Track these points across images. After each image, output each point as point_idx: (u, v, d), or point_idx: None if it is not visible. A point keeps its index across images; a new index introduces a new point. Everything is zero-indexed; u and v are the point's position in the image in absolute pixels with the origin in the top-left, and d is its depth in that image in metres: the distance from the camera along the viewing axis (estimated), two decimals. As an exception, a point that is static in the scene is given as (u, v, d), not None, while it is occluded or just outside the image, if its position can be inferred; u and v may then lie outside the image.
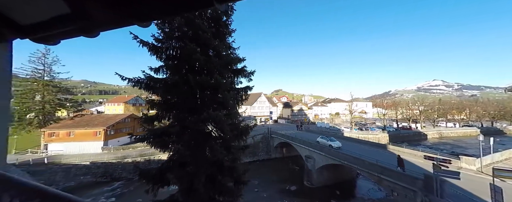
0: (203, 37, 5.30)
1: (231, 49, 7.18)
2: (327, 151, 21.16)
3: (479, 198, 10.04)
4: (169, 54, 5.70)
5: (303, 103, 78.35)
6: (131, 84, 5.01)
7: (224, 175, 5.27)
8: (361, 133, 39.35)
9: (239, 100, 6.98)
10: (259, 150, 31.95)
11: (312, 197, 19.66)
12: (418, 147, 33.64)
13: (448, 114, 56.13)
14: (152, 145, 4.89)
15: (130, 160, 21.61)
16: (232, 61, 6.16)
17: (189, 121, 4.83)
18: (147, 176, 4.78)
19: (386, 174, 14.60)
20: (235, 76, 7.01)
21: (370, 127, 46.24)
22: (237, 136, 6.09)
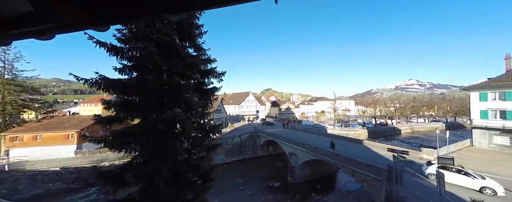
0: (163, 40, 5.44)
1: (201, 50, 7.37)
2: (308, 148, 22.23)
3: (429, 183, 11.48)
4: (131, 55, 5.73)
5: (291, 102, 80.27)
6: (88, 84, 4.97)
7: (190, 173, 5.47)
8: (343, 129, 41.57)
9: (207, 101, 7.21)
10: (246, 149, 32.33)
11: (294, 192, 20.55)
12: (393, 141, 36.60)
13: (420, 111, 61.68)
14: (111, 147, 4.91)
15: (107, 164, 20.62)
16: (197, 63, 6.34)
17: (148, 122, 4.97)
18: (106, 177, 4.81)
19: (358, 167, 15.85)
20: (204, 77, 7.23)
21: (351, 124, 49.05)
22: (205, 135, 6.32)
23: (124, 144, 4.87)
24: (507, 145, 19.65)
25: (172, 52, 5.74)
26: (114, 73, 5.95)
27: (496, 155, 18.41)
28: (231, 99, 69.70)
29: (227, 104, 66.02)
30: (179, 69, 5.90)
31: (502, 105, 19.91)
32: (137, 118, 5.61)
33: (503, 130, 19.52)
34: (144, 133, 5.01)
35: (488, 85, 21.01)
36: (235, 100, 66.31)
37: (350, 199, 18.91)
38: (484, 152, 19.48)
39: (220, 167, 27.98)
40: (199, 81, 7.24)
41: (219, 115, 41.10)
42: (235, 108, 62.96)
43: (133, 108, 5.49)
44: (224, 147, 29.57)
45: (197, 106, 6.08)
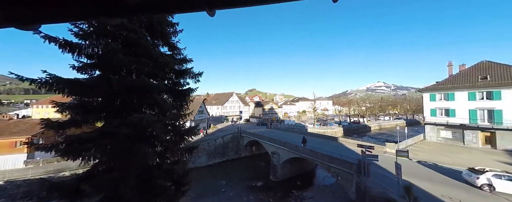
0: (130, 37, 5.07)
1: (176, 50, 7.05)
2: (289, 146, 23.07)
3: (391, 173, 13.05)
4: (92, 52, 5.15)
5: (274, 103, 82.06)
6: (35, 86, 4.26)
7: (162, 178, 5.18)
8: (322, 128, 44.22)
9: (183, 102, 6.94)
10: (229, 150, 31.92)
11: (276, 190, 21.08)
12: (364, 137, 40.33)
13: (386, 110, 69.42)
14: (63, 155, 4.28)
15: (68, 174, 18.11)
16: (170, 62, 6.05)
17: (111, 126, 4.54)
18: (60, 189, 4.18)
19: (333, 163, 17.07)
20: (179, 78, 6.94)
21: (329, 122, 52.47)
22: (179, 138, 6.04)
23: (81, 151, 4.30)
24: (450, 138, 23.50)
25: (141, 50, 5.34)
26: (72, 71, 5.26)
27: (442, 146, 21.89)
28: (214, 99, 68.01)
29: (209, 105, 64.18)
30: (149, 69, 5.53)
31: (446, 104, 23.74)
32: (100, 122, 5.06)
33: (447, 126, 23.30)
34: (106, 137, 4.54)
35: (435, 88, 24.84)
36: (218, 100, 64.91)
37: (326, 192, 20.22)
38: (433, 144, 22.96)
39: (201, 170, 27.13)
40: (174, 82, 6.92)
41: (201, 116, 39.72)
42: (218, 109, 61.64)
43: (94, 110, 4.93)
44: (206, 149, 28.71)
45: (169, 107, 5.78)
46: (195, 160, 27.07)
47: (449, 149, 20.57)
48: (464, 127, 21.81)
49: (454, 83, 23.54)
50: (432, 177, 12.88)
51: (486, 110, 20.74)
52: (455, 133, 23.00)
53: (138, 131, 4.57)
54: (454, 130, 22.97)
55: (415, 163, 16.12)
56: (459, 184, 11.66)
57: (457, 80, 23.75)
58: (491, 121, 20.21)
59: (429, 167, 14.93)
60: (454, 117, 22.67)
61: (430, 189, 10.93)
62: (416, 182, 11.85)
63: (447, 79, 25.20)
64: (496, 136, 19.92)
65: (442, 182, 11.91)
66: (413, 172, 13.40)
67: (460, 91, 22.48)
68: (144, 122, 4.49)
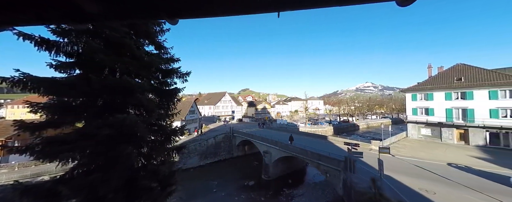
0: (112, 36, 4.97)
1: (162, 49, 6.98)
2: (281, 145, 23.47)
3: (374, 169, 13.79)
4: (71, 50, 4.96)
5: (267, 102, 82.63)
6: (7, 84, 4.03)
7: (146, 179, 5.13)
8: (313, 127, 45.28)
9: (169, 102, 6.88)
10: (221, 150, 31.77)
11: (268, 189, 21.38)
12: (352, 136, 41.88)
13: (373, 109, 72.55)
14: (39, 157, 4.08)
15: (47, 177, 17.09)
16: (155, 62, 5.97)
17: (91, 126, 4.43)
18: (34, 193, 3.96)
19: (322, 160, 17.64)
20: (166, 77, 6.88)
21: (320, 122, 53.85)
22: (165, 138, 6.00)
23: (58, 153, 4.12)
24: (429, 135, 25.15)
25: (124, 49, 5.24)
26: (50, 70, 4.99)
27: (422, 143, 23.40)
28: (206, 99, 67.17)
29: (201, 105, 63.32)
30: (133, 68, 5.43)
31: (426, 104, 25.37)
32: (80, 123, 4.89)
33: (427, 124, 24.92)
34: (87, 139, 4.41)
35: (416, 88, 26.45)
36: (211, 100, 64.21)
37: (316, 190, 20.84)
38: (414, 141, 24.46)
39: (193, 170, 26.80)
40: (161, 81, 6.83)
41: (193, 116, 39.12)
42: (211, 109, 61.00)
43: (73, 111, 4.76)
44: (197, 150, 28.37)
45: (155, 107, 5.71)
46: (186, 160, 26.68)
47: (428, 145, 22.03)
48: (442, 125, 23.46)
49: (433, 84, 25.22)
50: (412, 171, 13.78)
51: (460, 109, 22.45)
52: (433, 130, 24.65)
53: (121, 132, 4.49)
54: (433, 127, 24.62)
55: (397, 159, 17.12)
56: (435, 177, 12.59)
57: (435, 81, 25.45)
58: (465, 119, 21.93)
59: (409, 163, 15.93)
60: (433, 115, 24.30)
61: (408, 182, 11.70)
62: (397, 176, 12.62)
63: (427, 80, 26.92)
64: (469, 133, 21.65)
65: (419, 176, 12.79)
66: (394, 168, 14.24)
67: (438, 91, 24.14)
68: (127, 123, 4.42)
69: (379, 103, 76.00)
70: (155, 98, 6.66)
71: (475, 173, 13.36)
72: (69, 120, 4.56)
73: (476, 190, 10.56)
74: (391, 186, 11.06)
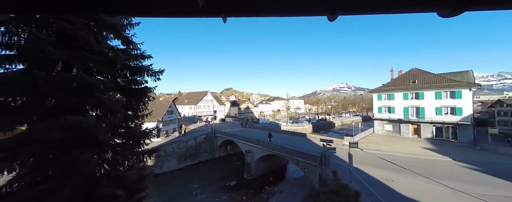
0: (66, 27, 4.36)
1: (131, 44, 6.38)
2: (262, 144, 23.89)
3: (346, 162, 15.13)
4: (8, 41, 4.14)
5: (250, 102, 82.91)
6: None
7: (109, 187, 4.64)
8: (294, 126, 47.17)
9: (139, 102, 6.37)
10: (202, 151, 30.72)
11: (249, 188, 21.55)
12: (329, 133, 45.01)
13: (347, 108, 79.31)
14: None
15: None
16: (120, 58, 5.42)
17: (36, 130, 3.81)
18: None
19: (301, 157, 18.57)
20: (135, 75, 6.33)
21: (300, 120, 56.43)
22: (134, 142, 5.53)
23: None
24: (391, 130, 28.67)
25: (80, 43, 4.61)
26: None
27: (385, 138, 26.56)
28: (187, 99, 64.01)
29: (181, 105, 60.16)
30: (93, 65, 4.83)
31: (388, 103, 28.82)
32: (23, 126, 4.13)
33: (389, 120, 28.35)
34: (31, 144, 3.77)
35: (381, 89, 29.86)
36: (191, 100, 61.43)
37: (296, 185, 21.85)
38: (379, 136, 27.60)
39: (171, 174, 25.30)
40: (128, 80, 6.25)
41: (171, 117, 36.88)
42: (191, 109, 58.39)
43: (14, 112, 3.99)
44: (176, 152, 26.88)
45: (119, 108, 5.20)
46: (163, 164, 25.05)
47: (390, 139, 25.13)
48: (400, 121, 27.00)
49: (394, 85, 28.80)
50: (376, 163, 15.55)
51: (414, 108, 26.17)
52: (394, 126, 28.20)
53: (77, 135, 3.95)
54: (394, 124, 28.14)
55: (365, 152, 19.09)
56: (394, 167, 14.45)
57: (396, 83, 29.11)
58: (418, 116, 25.65)
59: (374, 155, 17.93)
60: (394, 113, 27.78)
61: (373, 173, 13.19)
62: (364, 168, 14.10)
63: (390, 82, 30.61)
64: (421, 128, 25.41)
65: (382, 167, 14.52)
66: (362, 160, 15.86)
67: (398, 92, 27.68)
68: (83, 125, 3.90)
69: (352, 102, 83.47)
70: (122, 98, 6.06)
71: (424, 161, 15.80)
72: (8, 123, 3.78)
73: (423, 176, 12.51)
74: (359, 177, 12.29)
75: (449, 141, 22.80)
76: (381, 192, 10.25)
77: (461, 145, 21.18)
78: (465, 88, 22.32)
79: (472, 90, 22.24)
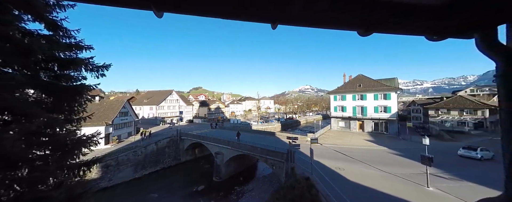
0: None
1: (59, 30, 5.04)
2: (233, 145, 23.64)
3: (308, 157, 16.81)
4: None
5: (221, 102, 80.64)
6: None
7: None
8: (264, 125, 48.72)
9: (72, 103, 5.14)
10: (165, 156, 27.72)
11: (219, 190, 20.89)
12: (295, 130, 48.75)
13: (311, 107, 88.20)
14: None
15: None
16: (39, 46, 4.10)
17: None
18: None
19: (269, 155, 19.41)
20: (65, 69, 5.07)
21: (270, 119, 58.87)
22: (65, 152, 4.40)
23: None
24: (343, 126, 33.65)
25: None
26: None
27: (339, 133, 31.00)
28: (146, 98, 56.32)
29: (139, 105, 52.64)
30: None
31: (342, 103, 33.73)
32: None
33: (342, 118, 33.23)
34: None
35: (336, 91, 34.69)
36: (152, 99, 54.51)
37: (265, 182, 22.66)
38: (335, 132, 31.97)
39: (125, 186, 21.64)
40: (57, 75, 4.93)
41: (125, 119, 31.68)
42: (152, 110, 51.83)
43: None
44: (131, 160, 23.19)
45: (35, 111, 3.99)
46: (113, 175, 21.16)
47: (343, 134, 29.51)
48: (350, 118, 32.07)
49: (346, 88, 33.95)
50: (332, 155, 17.93)
51: (360, 107, 31.59)
52: (346, 123, 33.25)
53: None
54: (345, 121, 33.16)
55: (324, 146, 21.71)
56: (344, 158, 17.02)
57: (347, 86, 34.38)
58: (362, 114, 31.09)
59: (331, 149, 20.65)
60: (346, 112, 32.73)
61: (328, 164, 15.15)
62: (322, 160, 16.01)
63: (343, 85, 35.89)
64: (364, 124, 30.91)
65: (336, 158, 16.88)
66: (321, 154, 17.97)
67: (349, 94, 32.77)
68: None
69: (314, 102, 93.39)
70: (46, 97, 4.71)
71: (365, 151, 19.30)
72: None
73: (365, 163, 15.29)
74: (318, 169, 13.87)
75: (382, 134, 28.67)
76: (334, 180, 11.90)
77: (389, 136, 27.03)
78: (392, 91, 28.60)
79: (397, 93, 28.74)
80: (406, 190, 10.35)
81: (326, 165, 14.92)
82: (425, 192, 10.19)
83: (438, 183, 11.08)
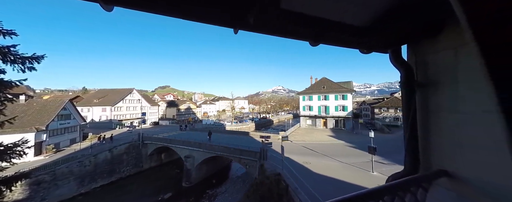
0: None
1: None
2: (205, 146, 22.59)
3: (280, 154, 17.75)
4: None
5: (192, 102, 75.81)
6: None
7: None
8: (239, 125, 48.44)
9: None
10: (123, 164, 24.03)
11: (189, 196, 19.59)
12: (269, 129, 50.42)
13: (283, 107, 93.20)
14: None
15: None
16: None
17: None
18: None
19: (243, 155, 19.49)
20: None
21: (245, 119, 59.04)
22: None
23: None
24: (311, 124, 37.01)
25: None
26: None
27: (307, 130, 33.94)
28: (98, 98, 47.38)
29: (87, 106, 43.96)
30: None
31: (309, 103, 37.02)
32: None
33: (309, 116, 36.49)
34: None
35: (305, 92, 37.87)
36: (106, 99, 46.33)
37: (238, 182, 22.60)
38: (304, 129, 34.82)
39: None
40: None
41: (66, 123, 25.90)
42: (106, 111, 44.08)
43: None
44: (74, 173, 19.01)
45: None
46: (48, 192, 16.90)
47: (310, 131, 32.44)
48: (316, 117, 35.57)
49: (313, 89, 37.46)
50: (300, 151, 19.46)
51: (324, 106, 35.42)
52: (313, 121, 36.68)
53: None
54: (312, 119, 36.56)
55: (294, 143, 23.34)
56: (311, 153, 18.76)
57: (313, 87, 37.98)
58: (326, 112, 34.95)
59: (300, 145, 22.39)
60: (312, 111, 36.10)
61: (297, 159, 16.40)
62: (292, 156, 17.17)
63: (310, 86, 39.44)
64: (328, 121, 34.83)
65: (304, 153, 18.42)
66: (291, 150, 19.25)
67: (315, 94, 36.28)
68: None
69: (286, 102, 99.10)
70: None
71: (328, 145, 21.79)
72: None
73: (328, 156, 17.27)
74: (288, 165, 14.82)
75: (341, 129, 32.99)
76: (301, 173, 12.99)
77: (346, 131, 31.38)
78: (349, 93, 33.28)
79: (352, 94, 33.60)
80: (359, 176, 12.30)
81: (295, 161, 16.08)
82: (371, 176, 12.37)
83: (380, 168, 13.60)
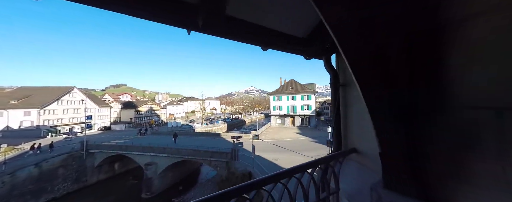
0: None
1: None
2: (170, 151, 20.61)
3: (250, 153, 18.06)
4: None
5: (155, 103, 67.78)
6: None
7: None
8: (209, 126, 46.32)
9: None
10: (57, 181, 19.22)
11: (150, 208, 17.44)
12: (241, 129, 50.35)
13: (255, 107, 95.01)
14: None
15: None
16: None
17: None
18: None
19: (213, 157, 18.77)
20: None
21: (216, 120, 57.00)
22: None
23: None
24: (280, 123, 39.17)
25: None
26: None
27: (277, 129, 35.77)
28: (17, 98, 36.06)
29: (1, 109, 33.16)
30: None
31: (279, 103, 39.15)
32: None
33: (279, 116, 38.59)
34: None
35: (275, 93, 39.86)
36: (30, 100, 35.87)
37: (208, 186, 21.64)
38: (274, 128, 36.51)
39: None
40: None
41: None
42: (31, 115, 34.18)
43: None
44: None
45: None
46: None
47: (280, 129, 34.32)
48: (285, 116, 37.95)
49: (282, 90, 39.83)
50: (270, 149, 20.33)
51: (292, 106, 38.18)
52: (282, 120, 38.95)
53: None
54: (282, 118, 38.81)
55: (264, 142, 24.17)
56: (280, 149, 19.88)
57: (283, 88, 40.44)
58: (293, 112, 37.76)
59: (270, 143, 23.37)
60: (282, 110, 38.34)
61: (267, 156, 17.10)
62: (262, 154, 17.75)
63: (279, 87, 41.80)
64: (295, 120, 37.69)
65: (274, 151, 19.35)
66: (262, 148, 19.87)
67: (284, 95, 38.68)
68: None
69: (258, 102, 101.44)
70: None
71: (295, 142, 23.61)
72: None
73: (295, 151, 18.71)
74: (258, 163, 15.25)
75: (306, 127, 36.34)
76: (270, 169, 13.61)
77: (311, 128, 34.80)
78: (313, 93, 37.04)
79: (316, 95, 37.55)
80: (319, 167, 13.83)
81: (265, 158, 16.70)
82: (329, 166, 14.13)
83: (336, 158, 15.71)
